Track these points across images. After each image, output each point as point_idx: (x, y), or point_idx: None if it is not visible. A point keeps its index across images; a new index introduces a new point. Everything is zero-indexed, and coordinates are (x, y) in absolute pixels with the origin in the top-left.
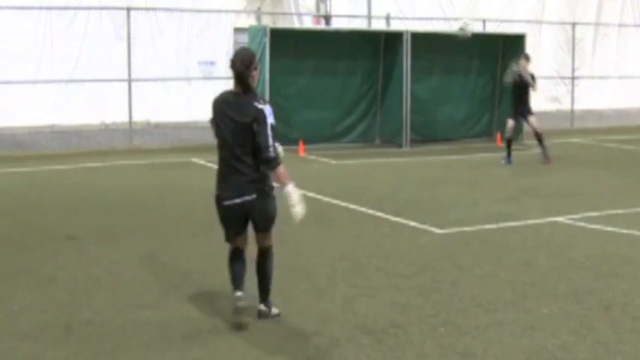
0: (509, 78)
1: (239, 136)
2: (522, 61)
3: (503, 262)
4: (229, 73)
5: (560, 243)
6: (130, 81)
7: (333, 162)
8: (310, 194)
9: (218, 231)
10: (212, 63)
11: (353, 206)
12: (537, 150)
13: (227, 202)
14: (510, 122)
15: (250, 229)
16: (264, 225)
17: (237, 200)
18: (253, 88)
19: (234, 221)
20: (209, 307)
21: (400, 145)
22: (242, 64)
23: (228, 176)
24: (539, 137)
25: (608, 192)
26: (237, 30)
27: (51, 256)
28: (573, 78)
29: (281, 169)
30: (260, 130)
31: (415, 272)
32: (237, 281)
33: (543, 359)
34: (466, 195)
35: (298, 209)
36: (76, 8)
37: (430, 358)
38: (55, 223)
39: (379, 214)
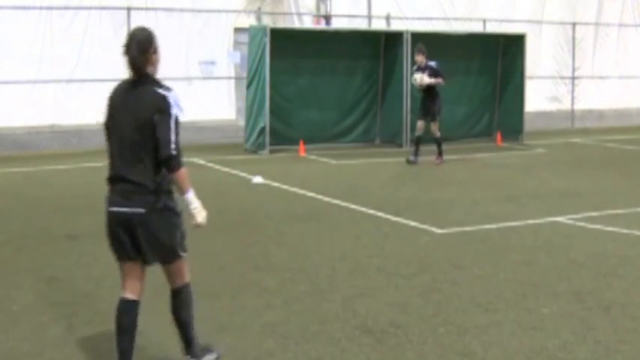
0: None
1: (136, 134)
2: (418, 57)
3: (504, 262)
4: (230, 72)
5: (560, 243)
6: None
7: (334, 162)
8: (310, 194)
9: (218, 231)
10: (212, 63)
11: (353, 206)
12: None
13: (113, 208)
14: (420, 123)
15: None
16: (157, 255)
17: (125, 209)
18: (153, 74)
19: (119, 238)
20: (208, 308)
21: (400, 145)
22: (137, 49)
23: (118, 181)
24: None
25: (608, 192)
26: (238, 30)
27: (51, 256)
28: (573, 78)
29: (182, 171)
30: (161, 122)
31: (415, 272)
32: (123, 358)
33: (543, 359)
34: (466, 195)
35: (199, 219)
36: (76, 8)
37: (430, 357)
38: (55, 222)
39: (379, 214)
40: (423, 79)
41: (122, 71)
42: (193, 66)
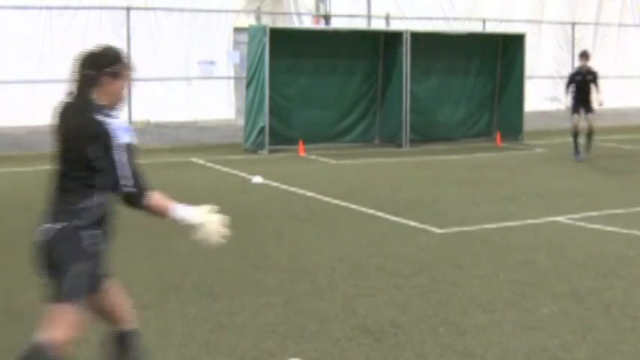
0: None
1: (65, 153)
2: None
3: (503, 262)
4: (230, 72)
5: (559, 243)
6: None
7: (333, 162)
8: (310, 194)
9: None
10: (212, 63)
11: (353, 206)
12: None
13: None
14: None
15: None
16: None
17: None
18: (99, 101)
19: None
20: (208, 308)
21: (400, 145)
22: (91, 63)
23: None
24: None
25: (607, 192)
26: (237, 30)
27: None
28: None
29: (154, 197)
30: (108, 156)
31: (415, 272)
32: None
33: (543, 359)
34: (466, 195)
35: (209, 230)
36: (75, 8)
37: (430, 357)
38: None
39: (379, 213)
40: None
41: None
42: (193, 66)
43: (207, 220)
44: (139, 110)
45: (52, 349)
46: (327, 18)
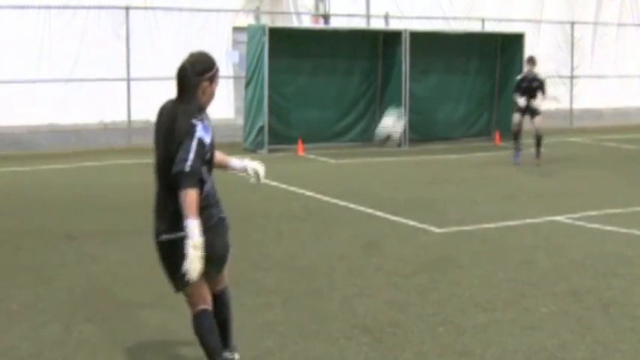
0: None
1: (164, 161)
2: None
3: (502, 262)
4: (229, 72)
5: (559, 242)
6: (128, 80)
7: (332, 161)
8: (309, 193)
9: None
10: None
11: (352, 205)
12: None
13: (165, 237)
14: (517, 116)
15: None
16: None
17: (169, 236)
18: (199, 101)
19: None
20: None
21: (399, 145)
22: (192, 68)
23: (157, 203)
24: (539, 140)
25: (606, 191)
26: (236, 29)
27: (50, 256)
28: (572, 77)
29: (190, 193)
30: (184, 143)
31: (414, 271)
32: (220, 349)
33: (542, 358)
34: (465, 194)
35: (191, 265)
36: (74, 7)
37: (429, 357)
38: (54, 222)
39: (378, 213)
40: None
41: (121, 71)
42: None
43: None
44: (138, 109)
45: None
46: (326, 17)
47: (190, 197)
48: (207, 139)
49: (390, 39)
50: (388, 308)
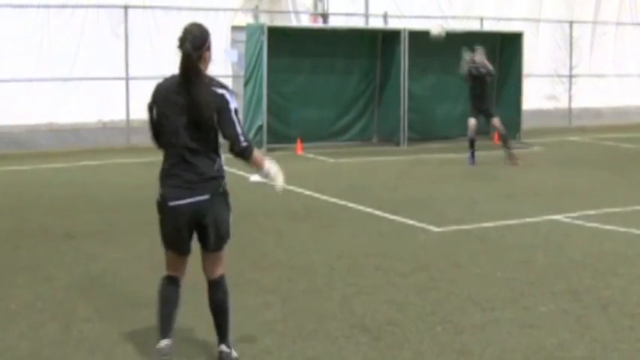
0: (465, 68)
1: (195, 132)
2: (478, 56)
3: (501, 261)
4: (227, 71)
5: (557, 241)
6: (127, 79)
7: (331, 160)
8: (308, 192)
9: None
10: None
11: (351, 204)
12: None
13: (173, 203)
14: (472, 121)
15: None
16: (218, 239)
17: (188, 200)
18: (204, 71)
19: (179, 231)
20: (206, 306)
21: (398, 144)
22: (192, 45)
23: (177, 173)
24: (504, 140)
25: (605, 190)
26: (235, 28)
27: (49, 255)
28: (571, 76)
29: (255, 154)
30: (225, 120)
31: (413, 270)
32: (165, 324)
33: (541, 357)
34: (464, 193)
35: (279, 180)
36: (73, 7)
37: (427, 356)
38: (53, 221)
39: (377, 212)
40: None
41: (120, 70)
42: None
43: (279, 173)
44: (136, 108)
45: (225, 279)
46: (324, 16)
47: (256, 155)
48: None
49: (388, 38)
50: (387, 307)
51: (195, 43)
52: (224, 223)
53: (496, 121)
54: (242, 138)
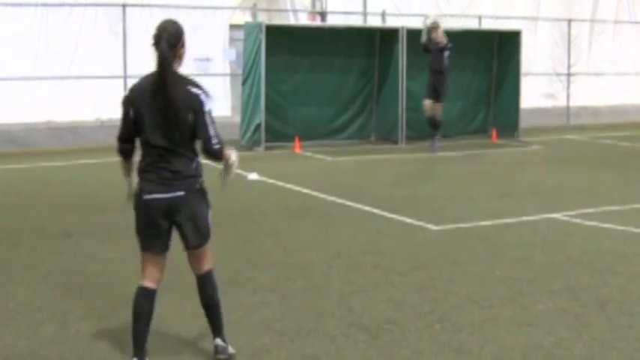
0: (424, 37)
1: (171, 130)
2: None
3: (499, 259)
4: (225, 69)
5: (556, 239)
6: (125, 77)
7: (329, 159)
8: (306, 191)
9: (213, 227)
10: (208, 59)
11: (349, 203)
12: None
13: (148, 196)
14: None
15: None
16: (197, 235)
17: (163, 195)
18: (178, 68)
19: (152, 225)
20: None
21: (396, 142)
22: (167, 43)
23: (153, 170)
24: (435, 125)
25: (603, 188)
26: (233, 27)
27: (47, 253)
28: (569, 74)
29: (224, 151)
30: (199, 122)
31: (411, 269)
32: (137, 341)
33: (539, 356)
34: (462, 192)
35: (234, 168)
36: (71, 5)
37: (426, 354)
38: (51, 219)
39: (375, 210)
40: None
41: (118, 68)
42: (189, 63)
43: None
44: None
45: (213, 274)
46: (323, 15)
47: (225, 152)
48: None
49: (386, 36)
50: (385, 306)
51: (170, 41)
52: (202, 219)
53: (436, 106)
54: (215, 140)
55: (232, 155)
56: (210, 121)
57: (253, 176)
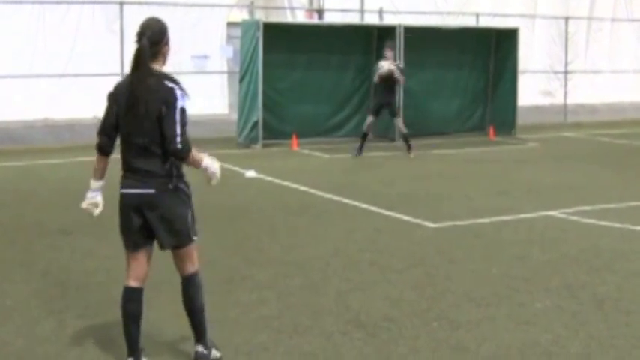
0: (376, 78)
1: (145, 126)
2: (388, 53)
3: (497, 257)
4: (223, 67)
5: (553, 237)
6: (123, 75)
7: (326, 156)
8: (303, 188)
9: (208, 223)
10: (205, 57)
11: (346, 200)
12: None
13: (123, 191)
14: (370, 119)
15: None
16: (172, 235)
17: (134, 191)
18: (162, 66)
19: (127, 220)
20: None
21: (393, 140)
22: (149, 40)
23: (130, 171)
24: (405, 138)
25: (601, 186)
26: (230, 24)
27: (44, 250)
28: (566, 72)
29: (191, 155)
30: (167, 115)
31: (408, 266)
32: (130, 342)
33: (536, 353)
34: (459, 189)
35: (217, 176)
36: (69, 2)
37: (423, 352)
38: (48, 217)
39: (372, 208)
40: (391, 66)
41: (115, 65)
42: (186, 60)
43: (217, 168)
44: None
45: (199, 274)
46: (320, 12)
47: (193, 156)
48: (186, 106)
49: (384, 34)
50: (382, 303)
51: (153, 39)
52: (179, 219)
53: (399, 122)
54: (178, 139)
55: (212, 166)
56: (179, 119)
57: (251, 174)
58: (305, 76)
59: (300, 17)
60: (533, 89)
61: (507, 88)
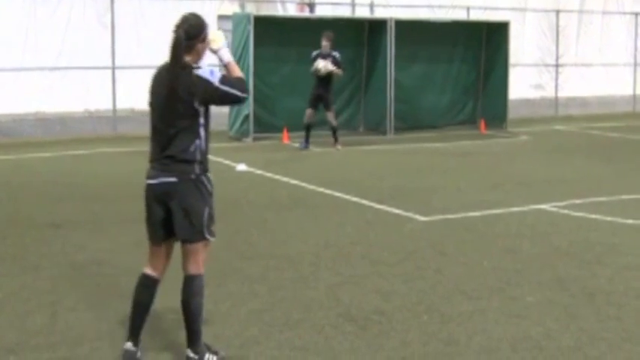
0: (319, 72)
1: (173, 113)
2: (324, 43)
3: (487, 250)
4: (214, 60)
5: (544, 230)
6: (113, 68)
7: (317, 150)
8: (294, 182)
9: None
10: None
11: (337, 194)
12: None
13: (147, 181)
14: (309, 111)
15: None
16: (187, 228)
17: (157, 180)
18: (195, 63)
19: (150, 211)
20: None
21: (384, 133)
22: (185, 33)
23: (154, 154)
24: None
25: (592, 179)
26: (221, 17)
27: (35, 244)
28: (557, 65)
29: (236, 70)
30: (213, 95)
31: (399, 260)
32: (133, 326)
33: (527, 347)
34: (450, 182)
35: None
36: None
37: (414, 345)
38: (39, 210)
39: (363, 201)
40: (327, 66)
41: (106, 59)
42: None
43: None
44: (123, 98)
45: (203, 278)
46: (311, 6)
47: (232, 68)
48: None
49: (375, 27)
50: (373, 296)
51: (189, 32)
52: (196, 213)
53: (330, 115)
54: (239, 95)
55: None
56: (227, 88)
57: (241, 167)
58: (296, 70)
59: (291, 10)
60: (524, 82)
61: (498, 81)
